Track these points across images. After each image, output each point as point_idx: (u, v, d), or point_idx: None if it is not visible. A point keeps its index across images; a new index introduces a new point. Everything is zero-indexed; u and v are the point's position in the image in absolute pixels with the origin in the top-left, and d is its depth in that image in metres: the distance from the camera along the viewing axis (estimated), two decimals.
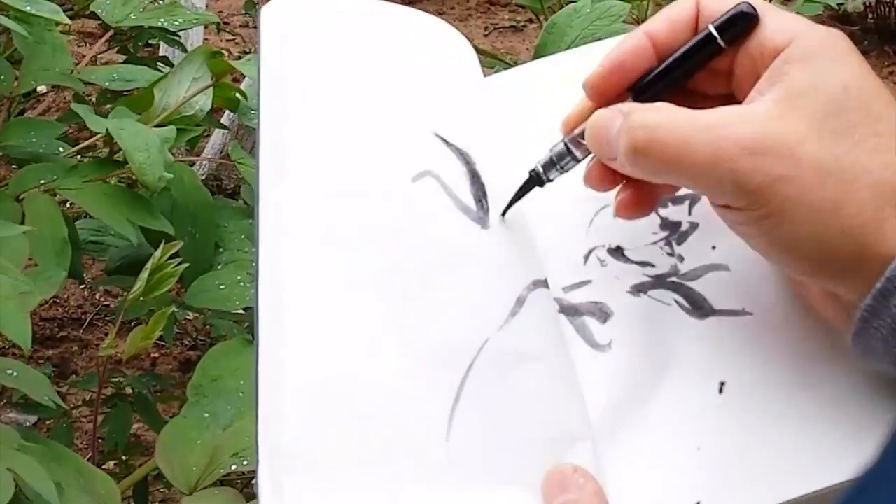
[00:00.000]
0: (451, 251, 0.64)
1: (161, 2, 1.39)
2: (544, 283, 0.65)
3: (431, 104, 0.71)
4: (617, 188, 0.63)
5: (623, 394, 0.61)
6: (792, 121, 0.55)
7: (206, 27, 2.77)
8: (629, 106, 0.59)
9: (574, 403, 0.61)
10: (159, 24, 1.34)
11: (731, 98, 0.61)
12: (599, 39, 1.19)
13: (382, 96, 0.70)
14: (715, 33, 0.60)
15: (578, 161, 0.64)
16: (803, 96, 0.55)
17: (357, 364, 0.59)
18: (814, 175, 0.54)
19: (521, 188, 0.65)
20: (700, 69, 0.61)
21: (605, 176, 0.63)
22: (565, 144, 0.64)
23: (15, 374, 1.05)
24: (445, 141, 0.68)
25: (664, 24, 0.62)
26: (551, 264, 0.66)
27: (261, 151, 0.65)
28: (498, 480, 0.57)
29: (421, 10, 0.77)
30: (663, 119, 0.57)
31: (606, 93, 0.62)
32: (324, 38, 0.71)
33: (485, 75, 0.75)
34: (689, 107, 0.58)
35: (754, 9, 0.60)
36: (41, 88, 2.34)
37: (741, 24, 0.60)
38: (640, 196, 0.63)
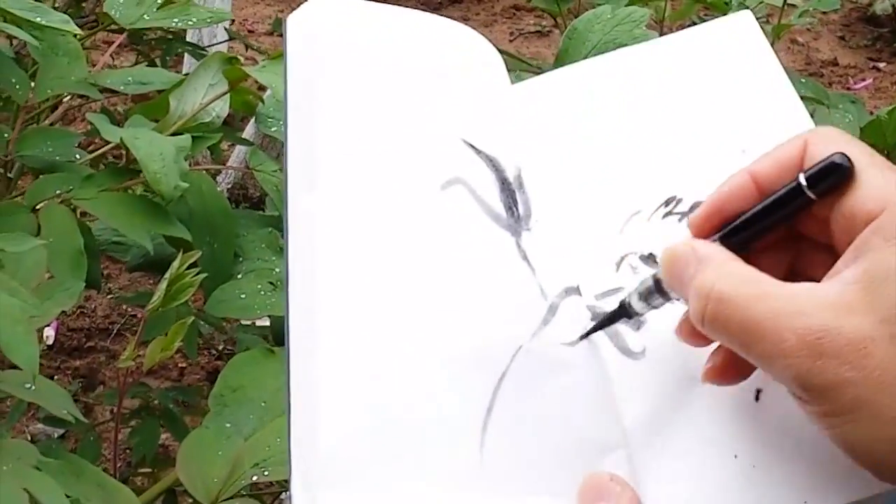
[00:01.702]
0: (482, 259, 0.64)
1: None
2: (577, 291, 0.65)
3: (460, 111, 0.71)
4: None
5: (657, 401, 0.61)
6: (864, 312, 0.50)
7: (230, 38, 2.78)
8: (703, 250, 0.56)
9: (608, 411, 0.60)
10: (173, 23, 1.33)
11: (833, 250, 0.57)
12: (621, 44, 1.19)
13: (410, 104, 0.70)
14: (804, 183, 0.56)
15: (671, 299, 0.60)
16: (884, 282, 0.51)
17: (390, 374, 0.59)
18: (885, 376, 0.49)
19: (608, 318, 0.63)
20: (793, 218, 0.58)
21: (698, 333, 0.58)
22: (655, 281, 0.60)
23: (34, 388, 1.04)
24: (474, 148, 0.68)
25: (770, 165, 0.58)
26: (583, 271, 0.66)
27: (289, 161, 0.66)
28: (532, 489, 0.57)
29: (446, 16, 0.77)
30: (729, 291, 0.53)
31: (707, 232, 0.59)
32: (350, 46, 0.71)
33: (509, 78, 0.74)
34: (790, 252, 0.57)
35: (849, 161, 0.55)
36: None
37: (834, 178, 0.55)
38: (732, 362, 0.59)
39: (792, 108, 0.70)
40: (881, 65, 4.08)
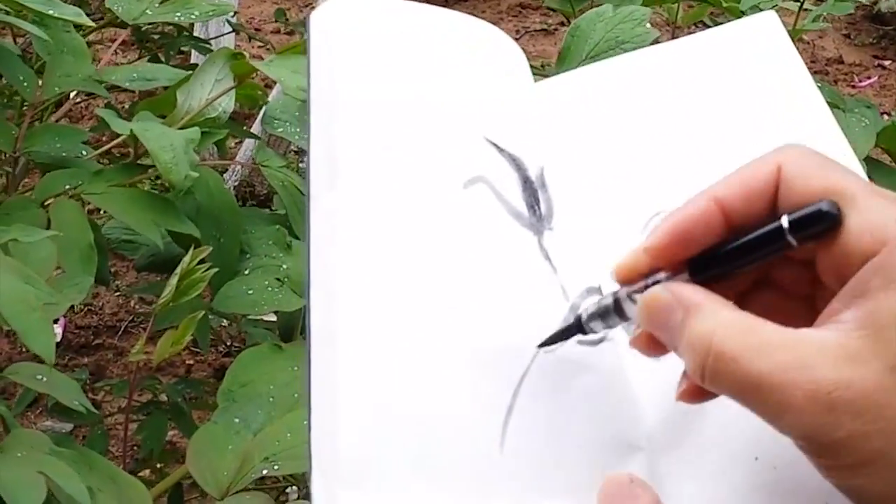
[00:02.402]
0: (503, 258, 0.64)
1: None
2: (598, 291, 0.64)
3: (483, 109, 0.70)
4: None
5: (680, 403, 0.59)
6: (872, 361, 0.47)
7: (237, 34, 2.77)
8: (689, 297, 0.52)
9: (628, 413, 0.60)
10: (175, 18, 1.33)
11: (811, 298, 0.55)
12: (623, 42, 1.19)
13: (433, 101, 0.69)
14: (786, 228, 0.52)
15: (628, 320, 0.58)
16: (891, 328, 0.48)
17: (410, 373, 0.58)
18: None
19: (563, 332, 0.61)
20: (770, 259, 0.54)
21: (657, 345, 0.56)
22: (615, 301, 0.58)
23: (44, 379, 1.05)
24: (497, 146, 0.68)
25: (737, 192, 0.54)
26: (605, 271, 0.64)
27: (311, 158, 0.65)
28: (552, 490, 0.57)
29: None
30: (729, 345, 0.49)
31: (666, 259, 0.55)
32: (373, 44, 0.71)
33: None
34: (761, 296, 0.54)
35: (837, 209, 0.51)
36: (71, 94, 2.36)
37: (820, 225, 0.51)
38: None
39: (817, 111, 0.69)
40: (886, 62, 4.08)
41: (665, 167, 0.69)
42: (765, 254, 0.53)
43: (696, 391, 0.54)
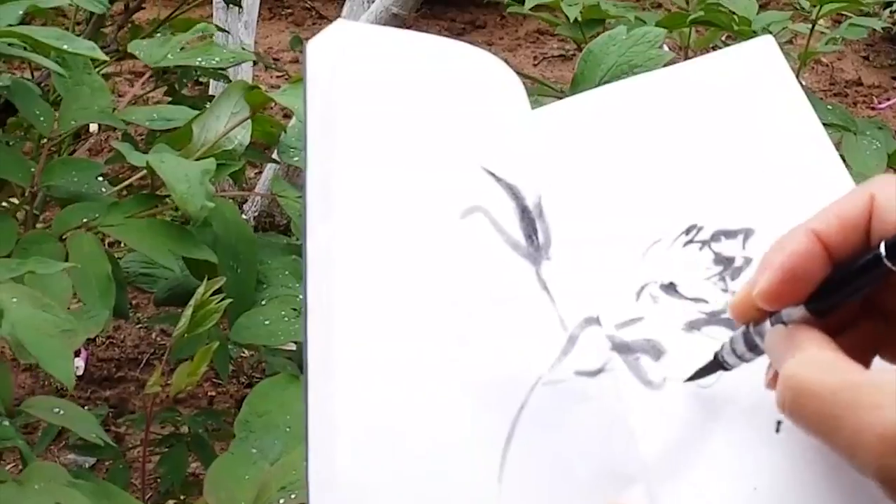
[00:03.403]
0: (501, 288, 0.63)
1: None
2: (596, 321, 0.64)
3: (479, 138, 0.70)
4: None
5: (677, 433, 0.60)
6: None
7: (255, 64, 2.79)
8: (796, 334, 0.54)
9: (628, 443, 0.60)
10: (196, 63, 1.35)
11: None
12: (636, 66, 1.19)
13: (430, 131, 0.69)
14: (883, 254, 0.52)
15: (762, 353, 0.58)
16: None
17: (408, 403, 0.58)
18: None
19: (705, 368, 0.61)
20: (871, 287, 0.54)
21: None
22: (745, 336, 0.58)
23: (62, 412, 1.05)
24: (494, 175, 0.68)
25: (833, 223, 0.54)
26: (603, 301, 0.65)
27: (308, 187, 0.65)
28: None
29: (469, 41, 0.76)
30: (809, 380, 0.51)
31: (780, 300, 0.55)
32: (370, 73, 0.71)
33: (531, 99, 0.74)
34: (868, 324, 0.55)
35: None
36: (93, 128, 2.37)
37: None
38: None
39: (814, 135, 0.69)
40: None
41: (663, 194, 0.69)
42: (865, 283, 0.54)
43: None
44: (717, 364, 0.60)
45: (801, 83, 0.73)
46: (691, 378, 0.61)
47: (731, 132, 0.71)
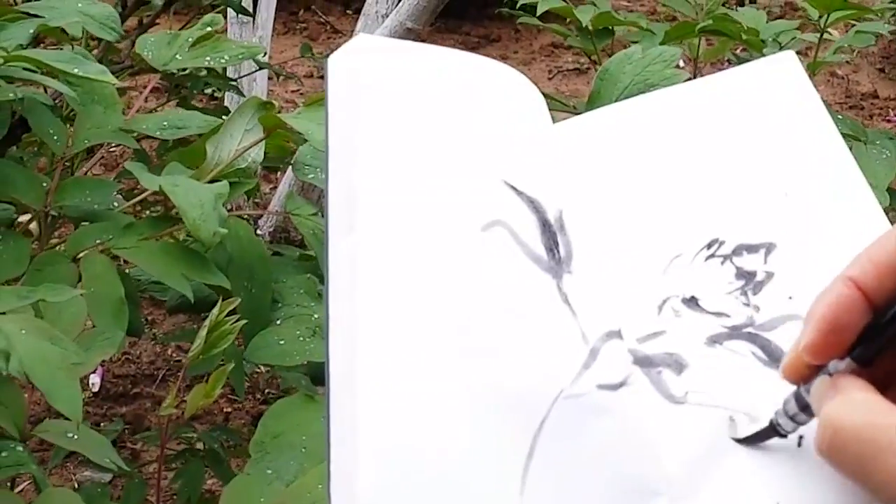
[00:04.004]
0: (522, 302, 0.63)
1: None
2: (618, 334, 0.63)
3: (500, 152, 0.70)
4: None
5: (700, 447, 0.59)
6: None
7: (270, 77, 2.79)
8: (839, 381, 0.54)
9: (650, 458, 0.59)
10: (206, 62, 1.33)
11: None
12: (652, 85, 1.19)
13: (451, 144, 0.69)
14: None
15: (813, 415, 0.58)
16: None
17: (430, 417, 0.58)
18: None
19: (760, 434, 0.60)
20: None
21: None
22: (796, 399, 0.58)
23: (75, 437, 1.05)
24: (515, 189, 0.68)
25: (869, 270, 0.54)
26: (625, 315, 0.65)
27: (329, 202, 0.65)
28: None
29: (484, 54, 0.76)
30: (847, 421, 0.51)
31: (826, 353, 0.55)
32: (390, 86, 0.71)
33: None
34: None
35: None
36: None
37: None
38: None
39: (836, 151, 0.69)
40: None
41: (684, 208, 0.69)
42: None
43: None
44: (771, 430, 0.59)
45: None
46: (744, 441, 0.60)
47: (753, 146, 0.70)
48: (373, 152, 0.67)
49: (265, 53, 2.32)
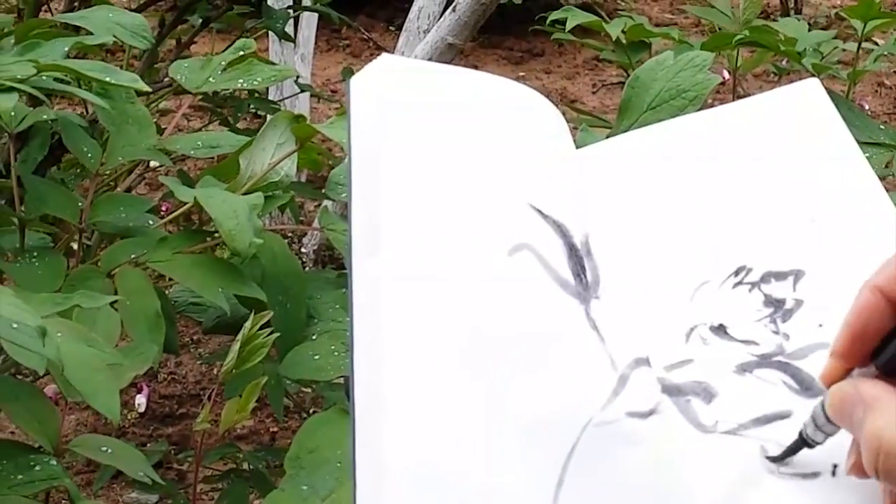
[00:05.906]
0: (550, 327, 0.63)
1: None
2: (646, 362, 0.63)
3: (526, 175, 0.70)
4: None
5: (732, 477, 0.59)
6: None
7: (314, 98, 2.80)
8: (869, 392, 0.54)
9: (680, 486, 0.59)
10: (238, 84, 1.34)
11: None
12: (684, 91, 1.18)
13: (476, 168, 0.69)
14: None
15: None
16: None
17: (457, 445, 0.58)
18: None
19: (790, 449, 0.60)
20: None
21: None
22: (822, 409, 0.58)
23: (110, 451, 1.05)
24: (541, 213, 0.67)
25: (893, 277, 0.56)
26: (653, 342, 0.64)
27: (353, 224, 0.65)
28: None
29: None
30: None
31: (854, 358, 0.57)
32: (414, 109, 0.71)
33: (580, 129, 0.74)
34: None
35: None
36: (153, 163, 2.39)
37: None
38: None
39: (862, 176, 0.69)
40: None
41: (711, 235, 0.68)
42: None
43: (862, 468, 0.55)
44: (802, 442, 0.59)
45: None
46: (777, 459, 0.59)
47: (779, 174, 0.70)
48: (396, 174, 0.68)
49: (299, 77, 2.32)
